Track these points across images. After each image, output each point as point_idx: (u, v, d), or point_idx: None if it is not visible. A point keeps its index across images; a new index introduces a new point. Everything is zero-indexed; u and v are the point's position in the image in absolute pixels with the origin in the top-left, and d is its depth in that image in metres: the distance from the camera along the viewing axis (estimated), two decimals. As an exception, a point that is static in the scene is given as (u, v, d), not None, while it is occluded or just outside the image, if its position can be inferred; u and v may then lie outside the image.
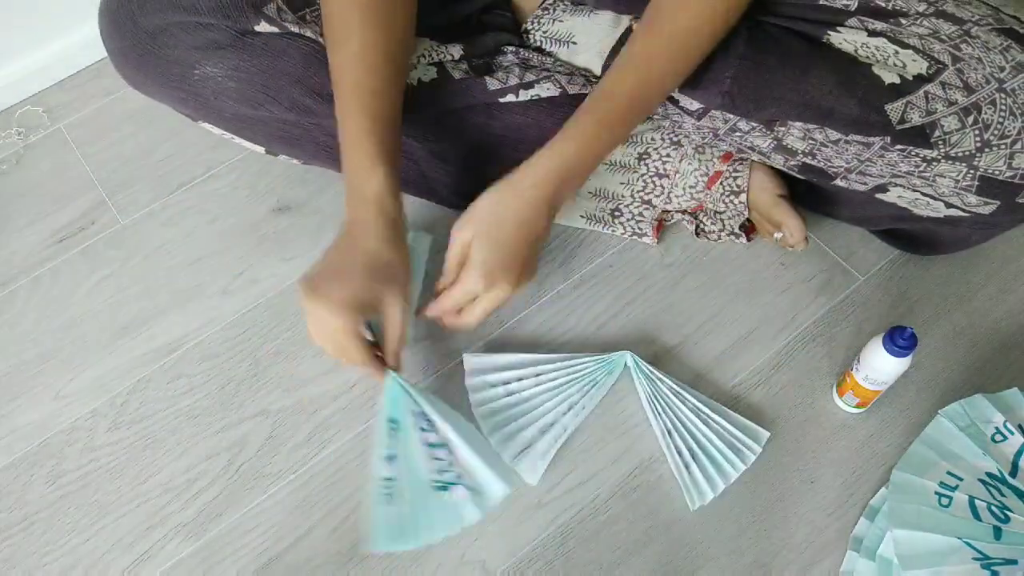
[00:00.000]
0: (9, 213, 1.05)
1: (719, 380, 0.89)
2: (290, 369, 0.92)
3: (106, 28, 0.79)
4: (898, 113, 0.71)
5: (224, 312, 0.96)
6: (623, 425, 0.87)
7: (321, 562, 0.81)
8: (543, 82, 0.85)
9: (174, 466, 0.87)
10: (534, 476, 0.83)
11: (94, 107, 1.14)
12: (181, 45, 0.76)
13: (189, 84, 0.79)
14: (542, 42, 0.90)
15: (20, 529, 0.84)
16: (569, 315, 0.94)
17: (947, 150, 0.72)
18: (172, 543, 0.83)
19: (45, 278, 1.00)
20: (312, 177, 1.05)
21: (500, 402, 0.87)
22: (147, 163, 1.08)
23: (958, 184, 0.74)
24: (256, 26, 0.76)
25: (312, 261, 0.70)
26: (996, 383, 0.87)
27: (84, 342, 0.95)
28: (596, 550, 0.81)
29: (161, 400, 0.90)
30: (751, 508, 0.82)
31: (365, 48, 0.72)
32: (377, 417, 0.77)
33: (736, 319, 0.92)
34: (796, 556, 0.80)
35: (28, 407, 0.91)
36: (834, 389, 0.87)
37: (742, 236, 0.95)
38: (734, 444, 0.84)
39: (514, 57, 0.88)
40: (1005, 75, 0.69)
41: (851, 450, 0.85)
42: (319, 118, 0.82)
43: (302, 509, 0.84)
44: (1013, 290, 0.93)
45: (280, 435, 0.88)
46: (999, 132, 0.70)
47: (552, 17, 0.89)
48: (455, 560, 0.81)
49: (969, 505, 0.74)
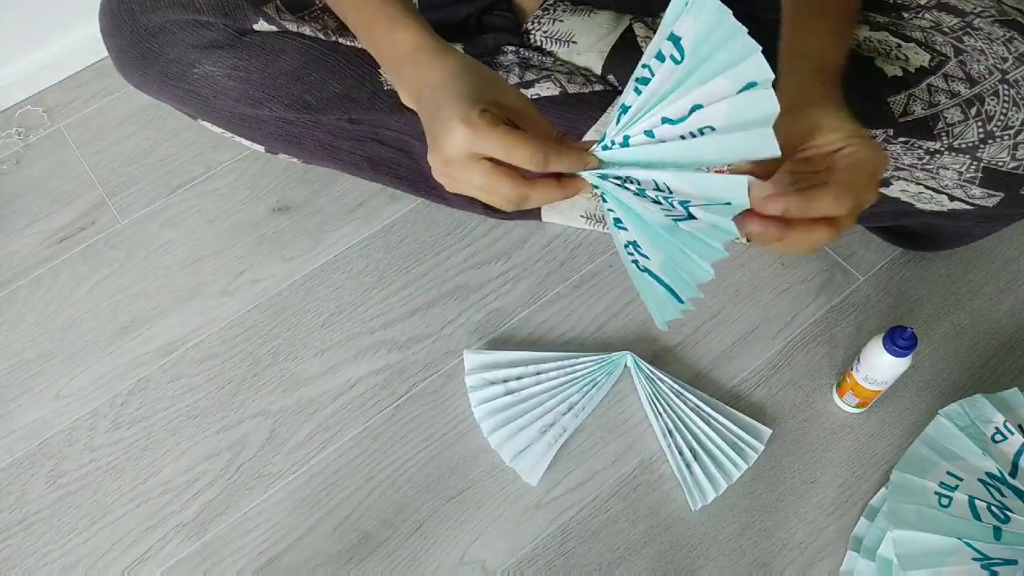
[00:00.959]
0: (9, 213, 1.05)
1: (719, 380, 0.89)
2: (290, 369, 0.92)
3: (106, 26, 0.79)
4: (901, 106, 0.71)
5: (224, 312, 0.96)
6: (623, 425, 0.87)
7: (321, 562, 0.81)
8: (543, 81, 0.85)
9: (174, 466, 0.87)
10: (534, 476, 0.83)
11: (94, 107, 1.14)
12: (180, 44, 0.77)
13: (188, 83, 0.79)
14: (542, 42, 0.90)
15: (20, 529, 0.84)
16: (569, 315, 0.94)
17: (950, 142, 0.72)
18: (172, 543, 0.83)
19: (45, 278, 1.00)
20: (312, 177, 1.05)
21: (500, 401, 0.87)
22: (147, 163, 1.08)
23: (962, 176, 0.74)
24: (255, 24, 0.76)
25: (311, 261, 0.69)
26: (996, 383, 0.87)
27: (84, 342, 0.95)
28: (596, 550, 0.81)
29: (161, 400, 0.91)
30: (751, 508, 0.82)
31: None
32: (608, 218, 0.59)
33: (736, 319, 0.92)
34: (796, 556, 0.80)
35: (28, 407, 0.91)
36: (834, 389, 0.87)
37: (742, 236, 0.95)
38: (736, 443, 0.84)
39: (514, 57, 0.88)
40: (1008, 66, 0.69)
41: (851, 450, 0.85)
42: (319, 116, 0.82)
43: (302, 509, 0.84)
44: (1013, 290, 0.93)
45: (280, 435, 0.88)
46: (1002, 123, 0.70)
47: (552, 17, 0.89)
48: (455, 560, 0.81)
49: (969, 505, 0.74)
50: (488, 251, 0.98)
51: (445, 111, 0.54)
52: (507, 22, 0.89)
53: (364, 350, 0.92)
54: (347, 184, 1.03)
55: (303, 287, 0.97)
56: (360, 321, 0.94)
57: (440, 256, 0.98)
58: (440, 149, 0.54)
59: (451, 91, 0.55)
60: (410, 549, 0.82)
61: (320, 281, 0.97)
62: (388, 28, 0.61)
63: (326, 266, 0.98)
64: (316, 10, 0.79)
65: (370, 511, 0.84)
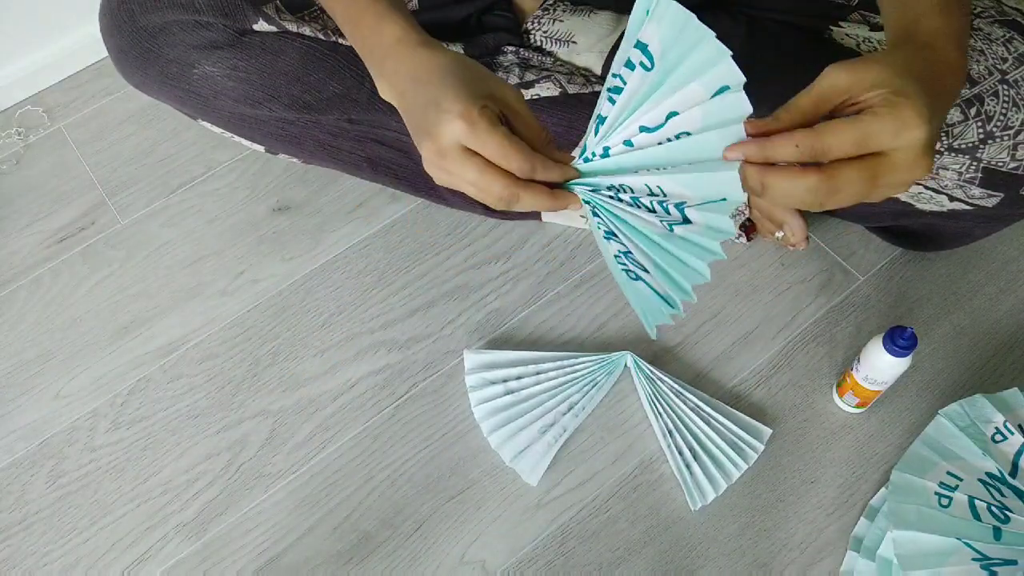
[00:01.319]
0: (9, 213, 1.05)
1: (719, 380, 0.89)
2: (290, 369, 0.92)
3: (106, 27, 0.79)
4: None
5: (224, 312, 0.96)
6: (623, 425, 0.87)
7: (321, 562, 0.81)
8: (543, 82, 0.85)
9: (174, 466, 0.87)
10: (534, 476, 0.83)
11: (94, 107, 1.14)
12: (180, 44, 0.77)
13: (188, 83, 0.80)
14: (542, 42, 0.90)
15: (20, 529, 0.84)
16: (569, 315, 0.94)
17: (950, 142, 0.72)
18: (172, 543, 0.83)
19: (45, 278, 1.00)
20: (312, 177, 1.05)
21: (500, 401, 0.87)
22: (147, 163, 1.08)
23: (961, 177, 0.74)
24: (255, 25, 0.76)
25: (311, 261, 0.68)
26: (996, 383, 0.87)
27: (84, 342, 0.95)
28: (596, 550, 0.81)
29: (161, 400, 0.91)
30: (751, 508, 0.82)
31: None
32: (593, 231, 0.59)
33: (736, 319, 0.92)
34: (796, 556, 0.80)
35: (28, 407, 0.91)
36: (834, 389, 0.87)
37: (742, 236, 0.95)
38: (736, 443, 0.84)
39: (514, 57, 0.88)
40: (1007, 67, 0.69)
41: (851, 450, 0.85)
42: (318, 116, 0.82)
43: (302, 509, 0.84)
44: (1013, 290, 0.93)
45: (280, 435, 0.88)
46: (1002, 124, 0.70)
47: (552, 17, 0.89)
48: (455, 560, 0.81)
49: (969, 505, 0.74)
50: (488, 251, 0.98)
51: (443, 103, 0.53)
52: (507, 22, 0.89)
53: (364, 350, 0.92)
54: (347, 184, 1.03)
55: (303, 287, 0.97)
56: (360, 321, 0.94)
57: (440, 256, 0.98)
58: (435, 139, 0.53)
59: (448, 85, 0.54)
60: (410, 549, 0.82)
61: (320, 281, 0.97)
62: (375, 22, 0.60)
63: (326, 266, 0.98)
64: (316, 10, 0.79)
65: (370, 511, 0.84)
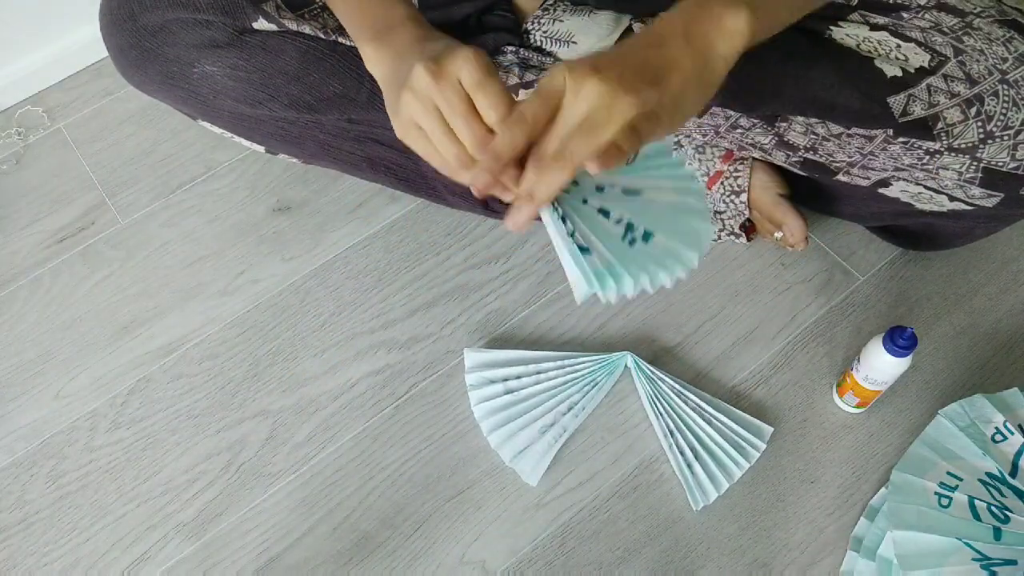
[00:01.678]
0: (9, 213, 1.05)
1: (719, 380, 0.89)
2: (290, 369, 0.92)
3: (106, 26, 0.79)
4: (900, 106, 0.72)
5: (224, 312, 0.96)
6: (623, 425, 0.87)
7: (321, 562, 0.81)
8: (543, 82, 0.85)
9: (174, 466, 0.87)
10: (534, 476, 0.83)
11: (94, 107, 1.14)
12: (180, 43, 0.76)
13: (188, 83, 0.79)
14: (542, 42, 0.90)
15: (20, 529, 0.84)
16: (569, 315, 0.94)
17: (950, 142, 0.72)
18: (172, 543, 0.83)
19: (45, 278, 1.00)
20: (312, 177, 1.05)
21: (499, 400, 0.87)
22: (147, 163, 1.08)
23: (961, 176, 0.74)
24: (255, 23, 0.76)
25: (311, 261, 0.68)
26: (996, 383, 0.87)
27: (84, 342, 0.95)
28: (596, 550, 0.81)
29: (161, 400, 0.91)
30: (751, 508, 0.82)
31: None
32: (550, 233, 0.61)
33: (736, 319, 0.92)
34: (796, 556, 0.80)
35: (28, 407, 0.91)
36: (834, 389, 0.87)
37: (742, 236, 0.95)
38: (737, 441, 0.84)
39: (514, 57, 0.88)
40: (1008, 66, 0.69)
41: (851, 450, 0.85)
42: (318, 116, 0.82)
43: (302, 509, 0.84)
44: (1013, 290, 0.93)
45: (280, 435, 0.88)
46: (1002, 123, 0.70)
47: (552, 17, 0.89)
48: (455, 560, 0.81)
49: (969, 505, 0.74)
50: (488, 251, 0.98)
51: (456, 47, 0.53)
52: (507, 22, 0.89)
53: (364, 350, 0.92)
54: (347, 184, 1.03)
55: (303, 287, 0.97)
56: (360, 321, 0.94)
57: (440, 256, 0.98)
58: (439, 62, 0.52)
59: (418, 41, 0.57)
60: (410, 549, 0.82)
61: (320, 281, 0.97)
62: (385, 2, 0.62)
63: (326, 266, 0.98)
64: (316, 8, 0.79)
65: (370, 511, 0.84)
